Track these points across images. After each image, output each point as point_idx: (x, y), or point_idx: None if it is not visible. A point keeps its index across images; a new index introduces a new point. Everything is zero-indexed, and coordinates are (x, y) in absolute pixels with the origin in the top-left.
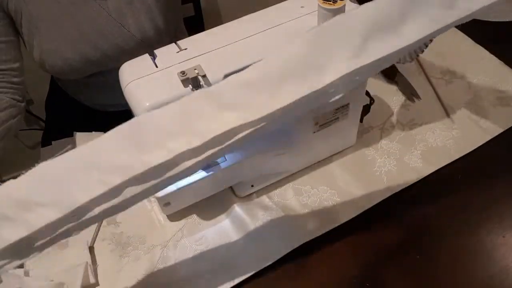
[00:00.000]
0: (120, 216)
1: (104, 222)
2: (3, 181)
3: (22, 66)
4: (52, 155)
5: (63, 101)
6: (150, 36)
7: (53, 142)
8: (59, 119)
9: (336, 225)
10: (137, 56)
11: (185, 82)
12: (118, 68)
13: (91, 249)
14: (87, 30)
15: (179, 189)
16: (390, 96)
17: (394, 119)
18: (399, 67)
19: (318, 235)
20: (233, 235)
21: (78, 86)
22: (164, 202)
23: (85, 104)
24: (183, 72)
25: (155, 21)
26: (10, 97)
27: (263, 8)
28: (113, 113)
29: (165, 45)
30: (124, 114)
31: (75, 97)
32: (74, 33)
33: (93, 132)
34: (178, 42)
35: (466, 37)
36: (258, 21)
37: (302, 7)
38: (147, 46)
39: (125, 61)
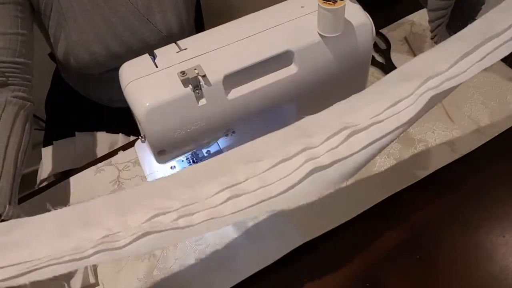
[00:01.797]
0: None
1: None
2: None
3: (33, 65)
4: (53, 155)
5: (64, 100)
6: (174, 32)
7: (54, 142)
8: (60, 118)
9: (336, 225)
10: None
11: (185, 82)
12: None
13: None
14: (115, 24)
15: None
16: None
17: None
18: None
19: (318, 235)
20: (233, 235)
21: (90, 81)
22: None
23: (88, 99)
24: (183, 72)
25: (180, 17)
26: (22, 94)
27: (263, 8)
28: (117, 109)
29: None
30: (126, 110)
31: (82, 92)
32: (102, 26)
33: (94, 132)
34: (178, 42)
35: None
36: (258, 21)
37: (302, 7)
38: (169, 42)
39: None
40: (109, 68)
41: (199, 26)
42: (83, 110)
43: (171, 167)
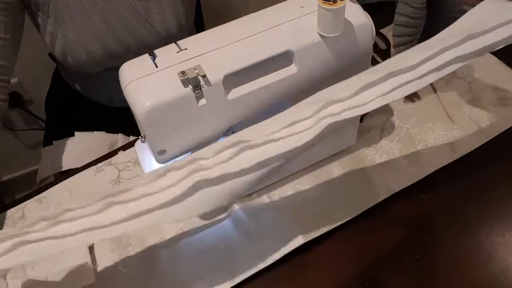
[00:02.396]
0: None
1: None
2: (3, 181)
3: (13, 68)
4: (53, 155)
5: (64, 100)
6: (173, 33)
7: (54, 142)
8: (60, 118)
9: (336, 225)
10: None
11: (185, 82)
12: None
13: (91, 249)
14: (113, 24)
15: None
16: None
17: (394, 119)
18: None
19: (318, 235)
20: (233, 235)
21: (89, 80)
22: None
23: (88, 99)
24: (183, 72)
25: (179, 18)
26: None
27: (263, 8)
28: (117, 109)
29: None
30: (126, 110)
31: (81, 92)
32: (101, 25)
33: (94, 132)
34: (178, 42)
35: None
36: (258, 21)
37: (302, 7)
38: (169, 42)
39: None
40: (107, 68)
41: (199, 26)
42: (83, 110)
43: None
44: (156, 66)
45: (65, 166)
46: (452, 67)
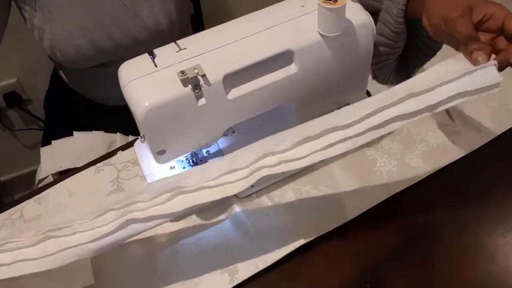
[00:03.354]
0: None
1: None
2: (2, 182)
3: None
4: (52, 154)
5: (63, 99)
6: (163, 28)
7: (53, 142)
8: (59, 117)
9: (336, 225)
10: (149, 48)
11: (184, 81)
12: (129, 58)
13: None
14: (101, 18)
15: None
16: None
17: None
18: None
19: (318, 235)
20: (233, 235)
21: (83, 77)
22: None
23: (87, 99)
24: (182, 72)
25: (169, 13)
26: None
27: (263, 8)
28: (114, 108)
29: (175, 38)
30: (124, 109)
31: (78, 90)
32: (88, 20)
33: (93, 132)
34: (178, 41)
35: None
36: (258, 21)
37: (302, 6)
38: (160, 37)
39: (138, 51)
40: (97, 63)
41: (199, 26)
42: (82, 109)
43: (170, 167)
44: (156, 66)
45: (64, 166)
46: (394, 125)
